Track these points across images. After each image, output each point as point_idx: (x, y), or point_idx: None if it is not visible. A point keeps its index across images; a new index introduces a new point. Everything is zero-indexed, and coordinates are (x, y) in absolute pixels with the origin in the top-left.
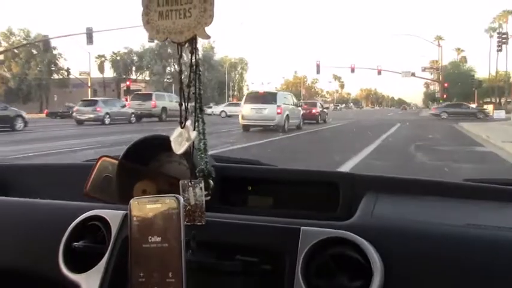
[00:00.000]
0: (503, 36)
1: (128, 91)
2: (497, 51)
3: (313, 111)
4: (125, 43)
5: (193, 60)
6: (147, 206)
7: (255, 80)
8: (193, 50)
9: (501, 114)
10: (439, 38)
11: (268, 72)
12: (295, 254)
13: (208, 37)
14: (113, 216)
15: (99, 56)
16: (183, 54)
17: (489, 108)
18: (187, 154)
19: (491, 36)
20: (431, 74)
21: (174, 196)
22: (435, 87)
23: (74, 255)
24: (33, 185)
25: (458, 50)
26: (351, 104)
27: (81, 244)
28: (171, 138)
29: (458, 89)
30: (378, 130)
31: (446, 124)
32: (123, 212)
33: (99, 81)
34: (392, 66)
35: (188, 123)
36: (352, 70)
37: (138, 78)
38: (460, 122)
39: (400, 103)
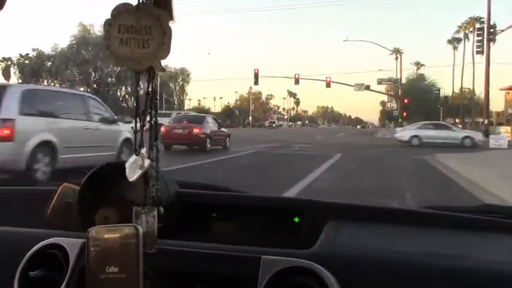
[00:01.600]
0: (490, 30)
1: None
2: (477, 53)
3: (195, 131)
4: (35, 44)
5: (150, 89)
6: (105, 236)
7: (207, 93)
8: (150, 80)
9: (501, 140)
10: (396, 50)
11: (219, 86)
12: (255, 283)
13: (163, 70)
14: (71, 244)
15: (4, 60)
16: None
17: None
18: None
19: (455, 48)
20: (389, 90)
21: (133, 225)
22: (393, 105)
23: (30, 285)
24: None
25: (418, 64)
26: (307, 121)
27: (38, 273)
28: (126, 165)
29: (419, 106)
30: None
31: (422, 161)
32: (81, 240)
33: None
34: (345, 79)
35: (143, 150)
36: (297, 81)
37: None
38: (443, 157)
39: (357, 121)
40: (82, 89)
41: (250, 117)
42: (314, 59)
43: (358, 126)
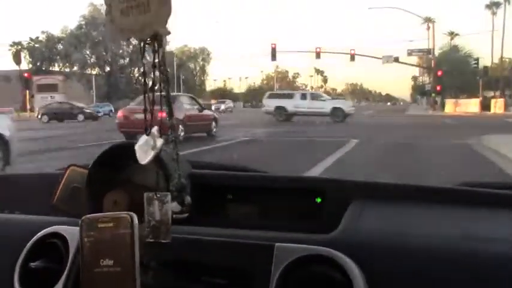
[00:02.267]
0: None
1: (28, 85)
2: None
3: (160, 115)
4: (45, 26)
5: (157, 60)
6: (98, 225)
7: (232, 74)
8: (157, 49)
9: None
10: (428, 19)
11: (242, 66)
12: (268, 274)
13: (168, 33)
14: (71, 233)
15: (14, 44)
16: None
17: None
18: (161, 162)
19: (493, 14)
20: (421, 63)
21: (127, 214)
22: (425, 79)
23: (30, 276)
24: (1, 196)
25: (452, 34)
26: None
27: (39, 264)
28: (136, 146)
29: (455, 79)
30: None
31: (468, 152)
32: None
33: (14, 74)
34: (373, 52)
35: (154, 129)
36: (318, 55)
37: (58, 69)
38: (495, 141)
39: (388, 98)
40: (94, 72)
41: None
42: (337, 31)
43: (389, 103)
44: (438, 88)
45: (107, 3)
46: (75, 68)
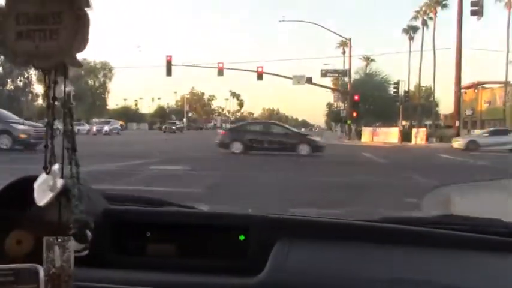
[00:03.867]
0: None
1: None
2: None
3: None
4: None
5: (61, 92)
6: None
7: (144, 94)
8: (64, 79)
9: None
10: (344, 43)
11: (155, 86)
12: None
13: (80, 65)
14: None
15: None
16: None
17: None
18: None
19: (411, 39)
20: (336, 86)
21: (31, 266)
22: (340, 104)
23: None
24: None
25: (367, 59)
26: None
27: None
28: (35, 185)
29: (372, 105)
30: None
31: None
32: None
33: None
34: (283, 71)
35: (55, 167)
36: (220, 71)
37: None
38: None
39: (304, 124)
40: None
41: (184, 119)
42: (244, 46)
43: (303, 129)
44: (354, 114)
45: None
46: None
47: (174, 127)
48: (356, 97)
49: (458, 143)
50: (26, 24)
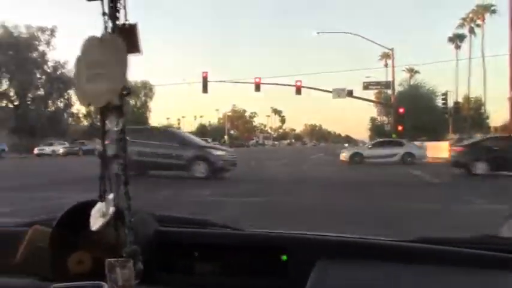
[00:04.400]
0: None
1: None
2: None
3: None
4: None
5: (116, 129)
6: None
7: (187, 112)
8: (116, 117)
9: None
10: (386, 55)
11: (198, 104)
12: None
13: (122, 104)
14: None
15: None
16: None
17: None
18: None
19: (457, 48)
20: (379, 98)
21: (97, 284)
22: (383, 118)
23: None
24: None
25: (411, 70)
26: (293, 140)
27: None
28: (92, 212)
29: (418, 118)
30: None
31: None
32: None
33: None
34: (323, 85)
35: (110, 196)
36: (257, 87)
37: None
38: None
39: (347, 139)
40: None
41: (226, 137)
42: (281, 61)
43: (346, 145)
44: (400, 128)
45: (76, 67)
46: None
47: (247, 144)
48: (401, 110)
49: (343, 155)
50: (91, 69)
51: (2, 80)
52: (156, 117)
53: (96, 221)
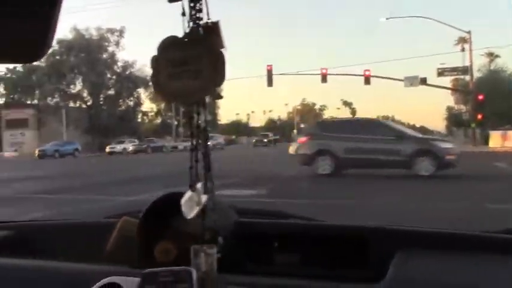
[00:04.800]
0: None
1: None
2: None
3: None
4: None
5: (202, 121)
6: (160, 279)
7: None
8: (202, 112)
9: None
10: (462, 40)
11: (265, 99)
12: None
13: (221, 97)
14: (129, 284)
15: None
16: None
17: None
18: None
19: None
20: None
21: (186, 269)
22: (461, 107)
23: None
24: (56, 244)
25: (490, 54)
26: None
27: None
28: (182, 202)
29: (500, 104)
30: None
31: None
32: (138, 280)
33: None
34: (393, 73)
35: (199, 186)
36: (324, 78)
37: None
38: None
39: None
40: (75, 105)
41: (295, 131)
42: (348, 50)
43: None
44: (479, 116)
45: (153, 66)
46: (50, 100)
47: (265, 140)
48: (480, 97)
49: (291, 148)
50: (174, 67)
51: (75, 81)
52: (225, 113)
53: (190, 210)
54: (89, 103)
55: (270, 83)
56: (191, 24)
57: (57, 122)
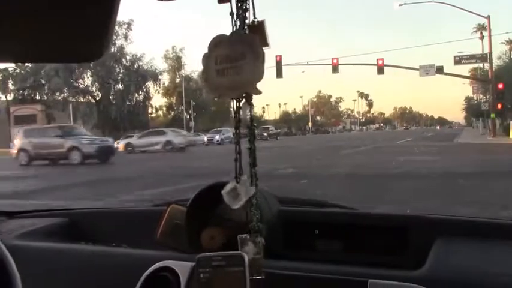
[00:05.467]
0: None
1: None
2: None
3: None
4: None
5: (248, 117)
6: (213, 263)
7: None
8: (249, 106)
9: None
10: (481, 27)
11: (280, 91)
12: None
13: (259, 92)
14: (182, 268)
15: (0, 71)
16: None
17: None
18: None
19: None
20: (474, 75)
21: (238, 253)
22: (480, 97)
23: None
24: (106, 230)
25: (511, 43)
26: (382, 124)
27: None
28: (223, 192)
29: None
30: None
31: None
32: (191, 264)
33: (3, 105)
34: (409, 62)
35: (244, 177)
36: (335, 67)
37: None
38: None
39: (441, 122)
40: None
41: (310, 123)
42: (361, 39)
43: (438, 127)
44: (499, 106)
45: (204, 63)
46: (58, 96)
47: (265, 133)
48: (500, 85)
49: (120, 145)
50: (221, 64)
51: (84, 76)
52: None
53: (234, 201)
54: (97, 98)
55: (279, 74)
56: (238, 23)
57: (66, 117)
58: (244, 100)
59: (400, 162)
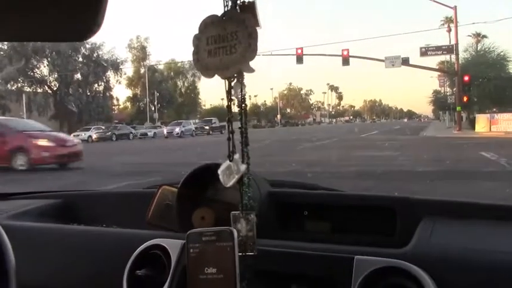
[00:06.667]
0: None
1: None
2: None
3: None
4: None
5: (240, 96)
6: (203, 239)
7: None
8: (241, 85)
9: None
10: (449, 20)
11: (252, 83)
12: (349, 284)
13: (252, 70)
14: (172, 245)
15: None
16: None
17: None
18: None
19: None
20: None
21: (228, 229)
22: (446, 90)
23: (136, 283)
24: (99, 212)
25: (477, 35)
26: (351, 117)
27: (143, 272)
28: (219, 171)
29: (487, 87)
30: None
31: None
32: (181, 241)
33: None
34: (374, 53)
35: (237, 156)
36: (299, 58)
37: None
38: None
39: (410, 115)
40: (29, 89)
41: (278, 116)
42: (326, 29)
43: (405, 120)
44: (465, 99)
45: (194, 44)
46: (11, 85)
47: (207, 127)
48: (466, 78)
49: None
50: (212, 44)
51: (40, 65)
52: (209, 98)
53: (228, 178)
54: (54, 88)
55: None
56: (229, 3)
57: (22, 108)
58: (235, 80)
59: (356, 158)
